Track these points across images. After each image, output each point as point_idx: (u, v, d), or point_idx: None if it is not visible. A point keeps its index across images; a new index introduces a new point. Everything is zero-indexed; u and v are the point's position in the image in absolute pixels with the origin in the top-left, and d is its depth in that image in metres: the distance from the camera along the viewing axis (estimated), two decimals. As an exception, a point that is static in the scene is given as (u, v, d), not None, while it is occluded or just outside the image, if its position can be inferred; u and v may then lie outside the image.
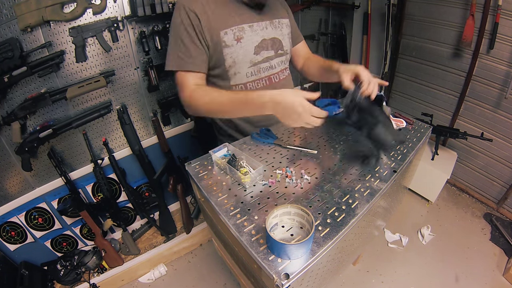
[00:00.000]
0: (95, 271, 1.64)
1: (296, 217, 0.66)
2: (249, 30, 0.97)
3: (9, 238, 1.46)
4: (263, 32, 1.00)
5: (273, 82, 1.06)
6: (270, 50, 1.03)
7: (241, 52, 0.96)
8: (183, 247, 1.86)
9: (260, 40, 0.99)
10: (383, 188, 0.80)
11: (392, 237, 1.88)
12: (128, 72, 1.47)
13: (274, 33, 1.03)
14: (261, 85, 1.04)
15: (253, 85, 1.03)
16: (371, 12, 2.39)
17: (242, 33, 0.95)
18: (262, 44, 1.00)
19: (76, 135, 1.45)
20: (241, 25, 0.95)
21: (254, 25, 0.98)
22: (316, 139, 1.03)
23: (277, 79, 1.07)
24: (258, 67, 1.01)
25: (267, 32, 1.01)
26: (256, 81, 1.03)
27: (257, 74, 1.02)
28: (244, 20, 0.96)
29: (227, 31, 0.93)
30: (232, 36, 0.94)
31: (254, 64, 1.00)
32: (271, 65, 1.04)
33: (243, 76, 1.00)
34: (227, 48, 0.94)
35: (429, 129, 1.12)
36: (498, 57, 1.79)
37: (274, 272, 0.57)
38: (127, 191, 1.67)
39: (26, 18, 1.12)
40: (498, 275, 1.64)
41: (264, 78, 1.04)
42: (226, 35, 0.93)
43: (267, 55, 1.02)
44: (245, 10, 0.97)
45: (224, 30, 0.93)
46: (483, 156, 2.08)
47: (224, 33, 0.93)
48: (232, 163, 0.83)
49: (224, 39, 0.93)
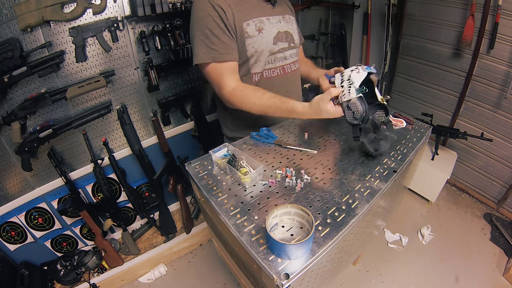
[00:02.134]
0: (95, 271, 1.64)
1: (296, 217, 0.66)
2: (267, 22, 1.02)
3: (9, 238, 1.46)
4: (278, 25, 1.05)
5: (286, 72, 1.11)
6: (285, 42, 1.07)
7: (263, 42, 1.00)
8: (183, 247, 1.86)
9: (276, 32, 1.04)
10: (383, 188, 0.80)
11: (392, 237, 1.88)
12: (128, 72, 1.47)
13: (286, 27, 1.08)
14: (276, 73, 1.08)
15: (269, 73, 1.07)
16: (371, 12, 2.39)
17: (262, 24, 1.00)
18: (278, 35, 1.05)
19: (76, 135, 1.45)
20: (260, 17, 1.00)
21: (270, 18, 1.03)
22: (316, 139, 1.03)
23: (289, 69, 1.12)
24: (275, 56, 1.06)
25: (281, 25, 1.06)
26: (272, 70, 1.07)
27: (273, 63, 1.07)
28: (261, 13, 1.01)
29: (249, 23, 0.97)
30: (254, 27, 0.98)
31: (272, 53, 1.05)
32: (285, 56, 1.09)
33: (261, 65, 1.04)
34: (249, 38, 0.98)
35: (429, 129, 1.12)
36: (498, 57, 1.79)
37: (274, 272, 0.57)
38: (127, 191, 1.67)
39: (26, 18, 1.12)
40: (498, 275, 1.64)
41: (279, 67, 1.08)
42: (249, 26, 0.97)
43: (282, 46, 1.06)
44: (261, 4, 1.02)
45: (247, 21, 0.97)
46: (483, 156, 2.08)
47: (247, 24, 0.97)
48: (232, 163, 0.83)
49: (247, 30, 0.97)
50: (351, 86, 0.84)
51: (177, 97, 1.66)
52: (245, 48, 0.99)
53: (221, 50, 0.94)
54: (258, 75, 1.05)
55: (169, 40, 1.44)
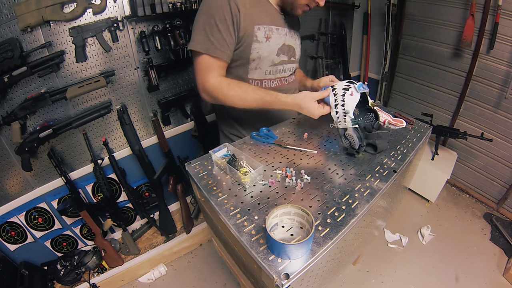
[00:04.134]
0: (95, 271, 1.64)
1: (296, 217, 0.66)
2: (276, 32, 1.01)
3: (9, 238, 1.46)
4: (285, 37, 1.04)
5: (283, 84, 1.12)
6: (286, 55, 1.07)
7: (268, 50, 1.00)
8: (183, 247, 1.86)
9: (282, 44, 1.04)
10: (383, 188, 0.80)
11: (392, 237, 1.88)
12: (128, 72, 1.47)
13: (291, 41, 1.08)
14: (274, 84, 1.09)
15: (268, 83, 1.07)
16: (371, 12, 2.39)
17: (271, 33, 0.99)
18: (283, 48, 1.04)
19: (76, 135, 1.45)
20: (270, 25, 0.99)
21: (280, 28, 1.02)
22: (316, 139, 1.03)
23: (286, 82, 1.13)
24: (276, 67, 1.06)
25: (287, 38, 1.05)
26: (271, 80, 1.08)
27: (274, 74, 1.07)
28: (273, 21, 1.00)
29: (260, 28, 0.96)
30: (263, 33, 0.97)
31: (273, 64, 1.04)
32: (284, 69, 1.09)
33: (262, 73, 1.04)
34: (257, 43, 0.97)
35: (429, 129, 1.12)
36: (498, 57, 1.79)
37: (274, 272, 0.57)
38: (127, 191, 1.67)
39: (26, 18, 1.12)
40: (498, 275, 1.64)
41: (277, 79, 1.09)
42: (259, 31, 0.96)
43: (283, 58, 1.06)
44: (275, 13, 1.01)
45: (258, 26, 0.96)
46: (483, 156, 2.08)
47: (258, 28, 0.96)
48: (232, 163, 0.83)
49: (256, 34, 0.96)
50: (346, 116, 0.87)
51: (177, 97, 1.66)
52: (250, 51, 0.98)
53: (217, 45, 0.92)
54: (255, 82, 1.05)
55: (169, 40, 1.44)
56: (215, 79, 0.95)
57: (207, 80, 0.96)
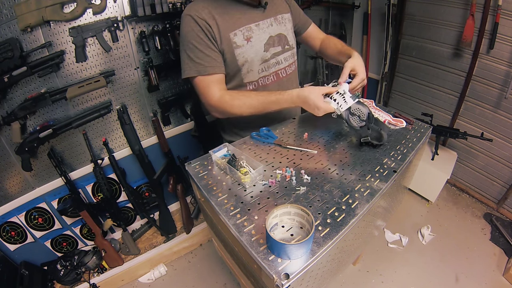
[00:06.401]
0: (95, 271, 1.64)
1: (296, 217, 0.66)
2: (257, 29, 1.00)
3: (9, 238, 1.46)
4: (269, 29, 1.03)
5: (280, 77, 1.10)
6: (277, 46, 1.06)
7: (252, 51, 0.99)
8: (183, 247, 1.86)
9: (267, 37, 1.02)
10: (383, 188, 0.80)
11: (392, 237, 1.88)
12: (128, 72, 1.46)
13: (279, 29, 1.06)
14: (270, 80, 1.08)
15: (264, 81, 1.06)
16: (371, 12, 2.39)
17: (251, 32, 0.99)
18: (270, 41, 1.03)
19: (76, 135, 1.45)
20: (248, 25, 0.98)
21: (260, 23, 1.01)
22: (316, 139, 1.03)
23: (284, 74, 1.11)
24: (267, 63, 1.05)
25: (273, 29, 1.04)
26: (266, 77, 1.07)
27: (267, 70, 1.06)
28: (250, 20, 0.99)
29: (236, 32, 0.96)
30: (242, 37, 0.97)
31: (264, 61, 1.04)
32: (278, 61, 1.08)
33: (255, 74, 1.04)
34: (238, 48, 0.97)
35: (429, 129, 1.12)
36: (498, 57, 1.79)
37: (274, 272, 0.57)
38: (127, 191, 1.67)
39: (26, 18, 1.12)
40: (498, 275, 1.64)
41: (272, 74, 1.08)
42: (236, 36, 0.96)
43: (274, 51, 1.05)
44: (249, 10, 1.00)
45: (233, 31, 0.96)
46: (483, 156, 2.08)
47: (234, 34, 0.96)
48: (232, 163, 0.83)
49: (234, 40, 0.96)
50: (345, 96, 0.88)
51: (177, 97, 1.66)
52: (235, 58, 0.98)
53: (206, 64, 0.94)
54: (252, 84, 1.05)
55: (169, 40, 1.43)
56: (217, 94, 0.97)
57: (210, 97, 0.97)
